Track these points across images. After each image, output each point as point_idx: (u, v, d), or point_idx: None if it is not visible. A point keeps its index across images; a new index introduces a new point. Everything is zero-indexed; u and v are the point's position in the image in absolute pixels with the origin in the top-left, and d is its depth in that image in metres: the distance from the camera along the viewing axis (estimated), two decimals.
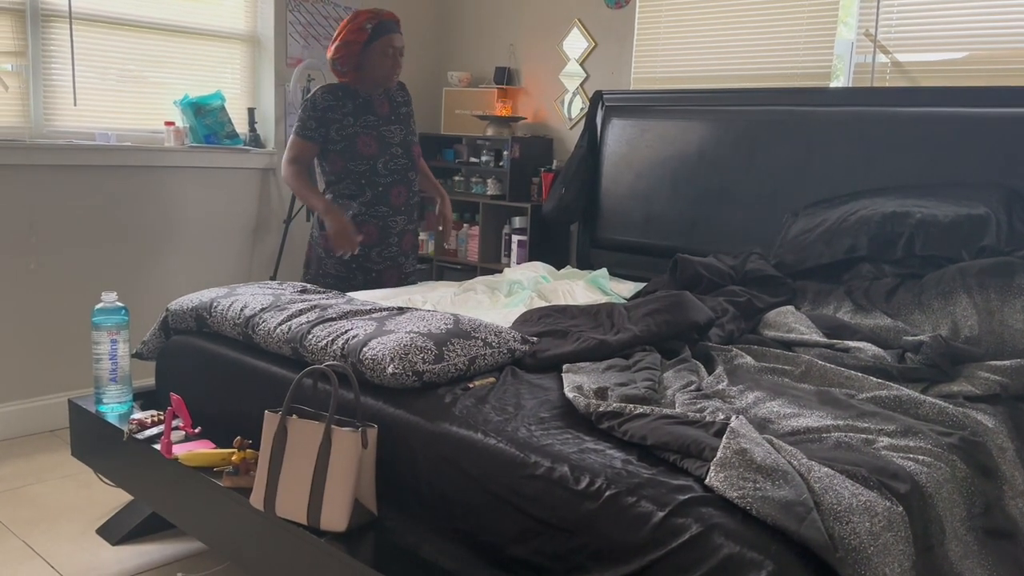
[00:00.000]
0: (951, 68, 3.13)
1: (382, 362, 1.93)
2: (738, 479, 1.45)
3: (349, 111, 3.11)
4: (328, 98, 3.10)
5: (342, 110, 3.10)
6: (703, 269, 2.91)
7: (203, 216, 3.94)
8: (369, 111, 3.14)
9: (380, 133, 3.14)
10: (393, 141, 3.17)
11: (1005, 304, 2.37)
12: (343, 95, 3.12)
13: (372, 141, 3.12)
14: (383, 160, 3.14)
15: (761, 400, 1.92)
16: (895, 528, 1.45)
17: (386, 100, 3.21)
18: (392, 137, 3.17)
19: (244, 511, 1.91)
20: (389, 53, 3.09)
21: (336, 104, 3.10)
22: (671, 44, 3.88)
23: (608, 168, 3.85)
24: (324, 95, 3.11)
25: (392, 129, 3.18)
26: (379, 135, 3.14)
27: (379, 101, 3.18)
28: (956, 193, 2.79)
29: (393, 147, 3.17)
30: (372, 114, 3.14)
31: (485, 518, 1.66)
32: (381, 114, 3.17)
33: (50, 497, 2.90)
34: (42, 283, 3.47)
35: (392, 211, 3.18)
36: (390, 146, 3.16)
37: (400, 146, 3.19)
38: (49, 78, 3.47)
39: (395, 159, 3.17)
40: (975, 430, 1.86)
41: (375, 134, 3.13)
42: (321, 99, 3.10)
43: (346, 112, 3.11)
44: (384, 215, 3.16)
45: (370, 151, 3.11)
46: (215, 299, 2.46)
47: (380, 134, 3.14)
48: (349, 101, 3.12)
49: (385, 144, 3.15)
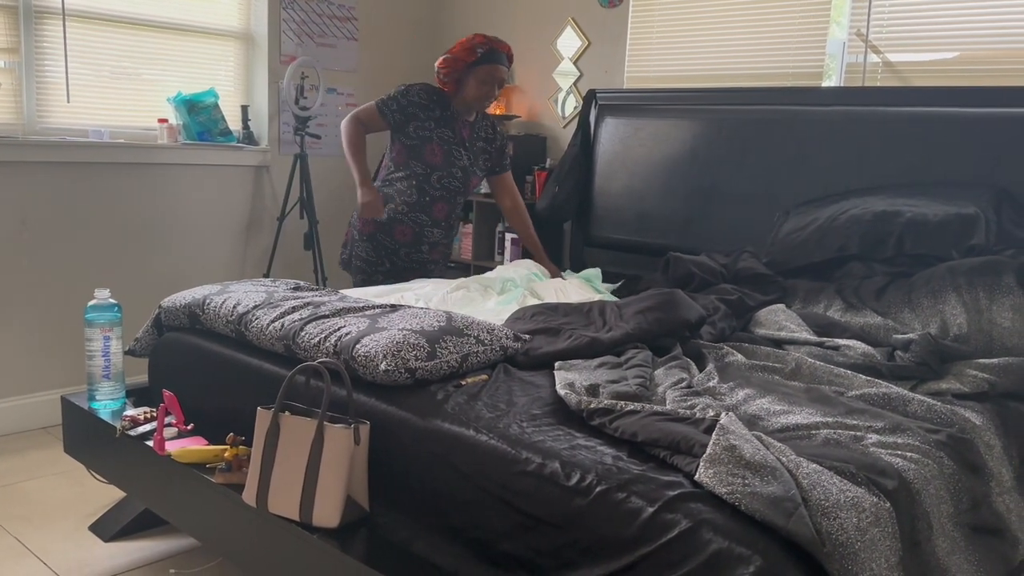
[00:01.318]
0: (942, 68, 3.14)
1: (375, 359, 1.93)
2: (727, 475, 1.46)
3: (435, 116, 3.20)
4: (423, 96, 3.19)
5: (429, 112, 3.19)
6: (695, 267, 2.92)
7: (196, 213, 3.94)
8: (450, 126, 3.23)
9: (450, 150, 3.23)
10: (458, 163, 3.26)
11: (993, 303, 2.39)
12: (437, 100, 3.22)
13: (440, 152, 3.21)
14: (440, 174, 3.22)
15: (751, 397, 1.93)
16: (882, 524, 1.47)
17: (469, 127, 3.30)
18: (458, 159, 3.26)
19: (236, 507, 1.91)
20: (488, 81, 3.18)
21: (427, 104, 3.19)
22: (664, 43, 3.89)
23: (601, 167, 3.86)
24: (421, 92, 3.20)
25: (461, 152, 3.26)
26: (448, 151, 3.23)
27: (463, 123, 3.28)
28: (946, 192, 2.80)
29: (455, 168, 3.25)
30: (451, 130, 3.24)
31: (476, 514, 1.67)
32: (459, 135, 3.26)
33: (43, 494, 2.90)
34: (35, 280, 3.47)
35: (431, 222, 3.28)
36: (453, 166, 3.24)
37: (462, 170, 3.27)
38: (42, 75, 3.47)
39: (452, 179, 3.25)
40: (963, 427, 1.88)
41: (445, 148, 3.22)
42: (417, 94, 3.19)
43: (432, 116, 3.20)
44: (422, 223, 3.26)
45: (434, 160, 3.21)
46: (208, 296, 2.47)
47: (450, 151, 3.23)
48: (439, 108, 3.22)
49: (449, 162, 3.23)
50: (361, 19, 4.44)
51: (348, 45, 4.41)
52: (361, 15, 4.44)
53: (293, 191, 4.04)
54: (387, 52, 4.55)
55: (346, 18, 4.38)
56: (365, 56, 4.48)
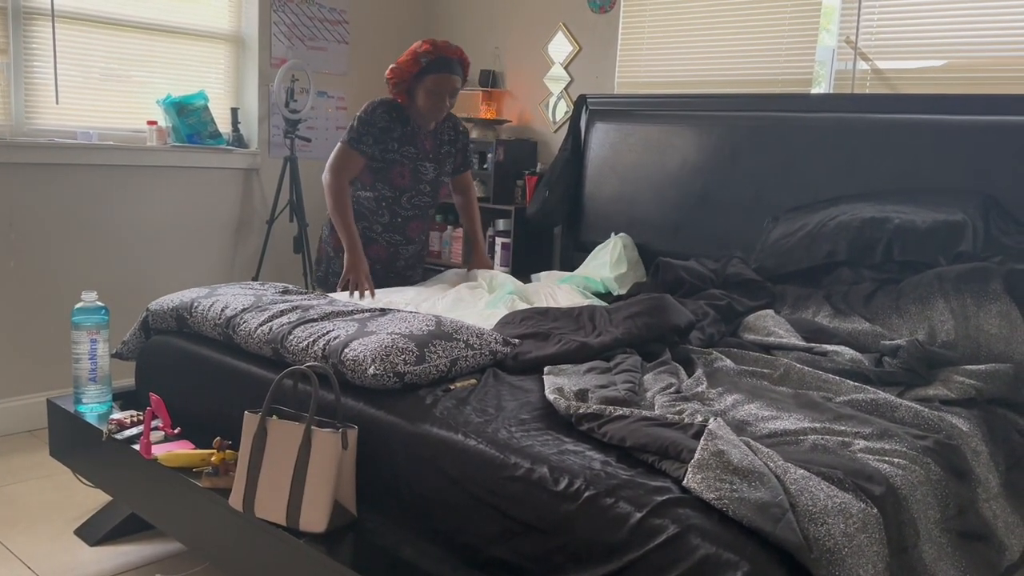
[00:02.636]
0: (931, 76, 3.16)
1: (363, 363, 1.93)
2: (715, 480, 1.46)
3: (396, 136, 3.05)
4: (384, 118, 3.02)
5: (391, 133, 3.04)
6: (684, 273, 2.93)
7: (185, 216, 3.92)
8: (412, 142, 3.08)
9: (416, 167, 3.09)
10: (425, 178, 3.12)
11: (981, 309, 2.40)
12: (397, 117, 3.05)
13: (407, 173, 3.07)
14: (409, 195, 3.11)
15: (739, 403, 1.94)
16: (869, 530, 1.47)
17: (431, 136, 3.13)
18: (425, 174, 3.12)
19: (223, 512, 1.90)
20: (436, 92, 2.97)
21: (390, 126, 3.03)
22: (655, 49, 3.90)
23: (592, 172, 3.86)
24: (383, 113, 3.02)
25: (427, 166, 3.12)
26: (414, 169, 3.09)
27: (424, 135, 3.11)
28: (934, 199, 2.82)
29: (423, 184, 3.12)
30: (414, 146, 3.08)
31: (465, 519, 1.66)
32: (422, 149, 3.10)
33: (28, 497, 2.87)
34: (21, 282, 3.45)
35: (405, 241, 3.19)
36: (420, 183, 3.12)
37: (430, 184, 3.14)
38: (31, 76, 3.45)
39: (421, 196, 3.14)
40: (950, 433, 1.89)
41: (411, 167, 3.08)
42: (380, 117, 3.02)
43: (393, 136, 3.04)
44: (396, 242, 3.17)
45: (402, 182, 3.08)
46: (196, 299, 2.46)
47: (416, 168, 3.09)
48: (399, 126, 3.05)
49: (417, 179, 3.10)
50: (352, 22, 4.43)
51: (339, 48, 4.40)
52: (352, 18, 4.43)
53: (283, 194, 4.03)
54: (378, 56, 4.55)
55: (337, 21, 4.37)
56: (356, 59, 4.48)
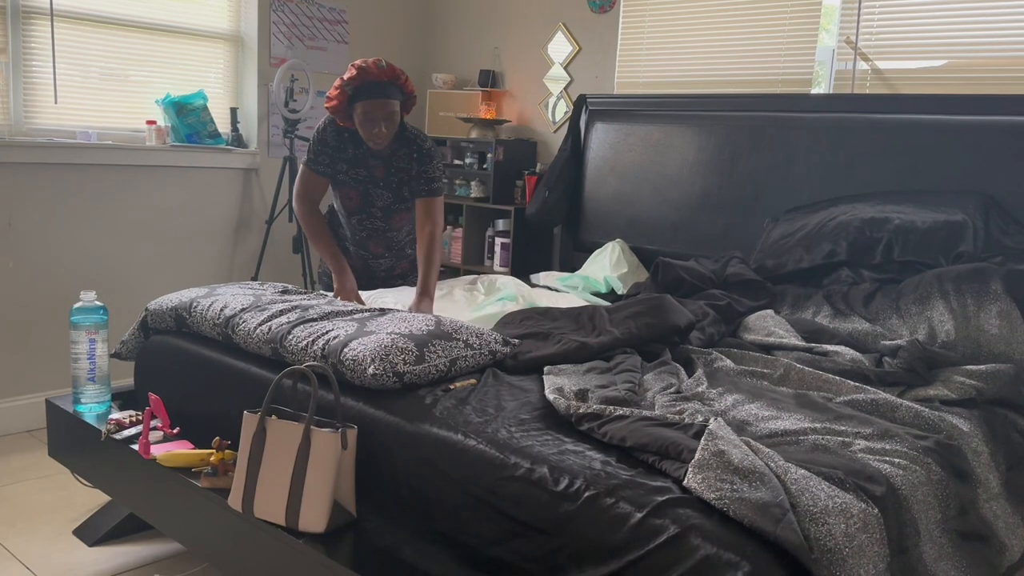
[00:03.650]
0: (930, 76, 3.16)
1: (363, 363, 1.92)
2: (716, 480, 1.46)
3: (346, 156, 2.88)
4: (333, 136, 2.87)
5: (341, 153, 2.88)
6: (684, 273, 2.93)
7: (184, 216, 3.92)
8: (363, 164, 2.89)
9: (366, 190, 2.92)
10: (376, 203, 2.94)
11: (981, 309, 2.40)
12: (349, 137, 2.87)
13: (355, 196, 2.92)
14: (359, 217, 2.96)
15: (740, 403, 1.93)
16: (870, 530, 1.47)
17: (383, 162, 2.90)
18: (376, 200, 2.93)
19: (222, 512, 1.90)
20: (369, 119, 2.73)
21: (340, 145, 2.87)
22: (655, 49, 3.90)
23: (591, 172, 3.86)
24: (332, 133, 2.87)
25: (379, 192, 2.92)
26: (364, 192, 2.92)
27: (376, 161, 2.89)
28: (934, 199, 2.82)
29: (373, 208, 2.94)
30: (365, 168, 2.89)
31: (464, 519, 1.66)
32: (373, 174, 2.90)
33: (27, 498, 2.87)
34: (20, 281, 3.44)
35: (372, 256, 3.07)
36: (371, 207, 2.94)
37: (382, 210, 2.95)
38: (30, 76, 3.44)
39: (372, 219, 2.97)
40: (950, 434, 1.88)
41: (360, 190, 2.92)
42: (330, 135, 2.87)
43: (343, 157, 2.88)
44: (365, 256, 3.07)
45: (350, 204, 2.94)
46: (195, 299, 2.45)
47: (366, 191, 2.92)
48: (350, 147, 2.88)
49: (366, 203, 2.94)
50: (352, 22, 4.43)
51: (338, 48, 4.40)
52: (352, 18, 4.43)
53: (282, 194, 4.03)
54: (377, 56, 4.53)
55: (336, 21, 4.37)
56: (355, 59, 4.46)
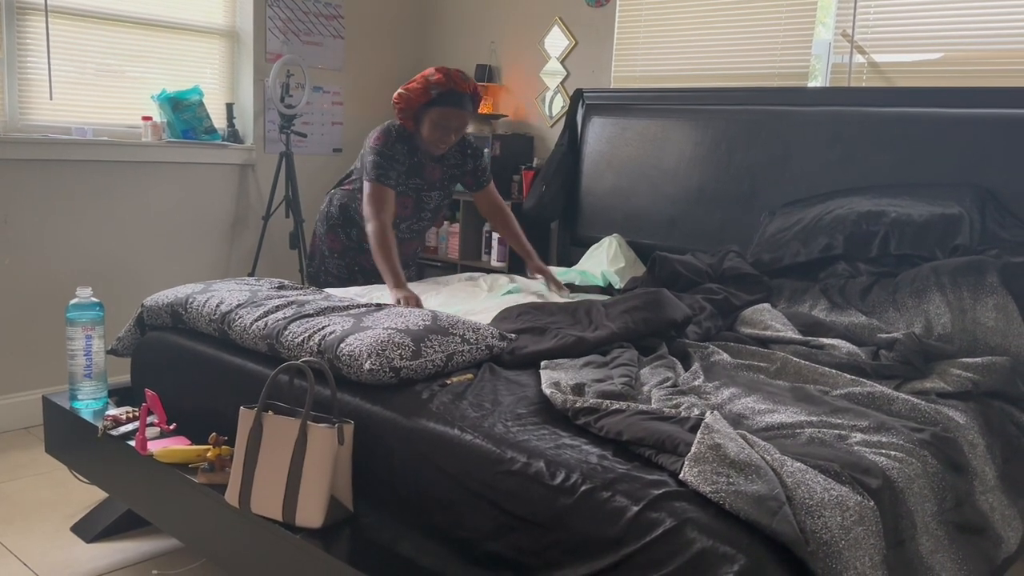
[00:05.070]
0: (927, 69, 3.16)
1: (359, 358, 1.92)
2: (712, 474, 1.46)
3: (404, 168, 2.96)
4: (401, 149, 2.93)
5: (401, 166, 2.94)
6: (681, 267, 2.92)
7: (180, 212, 3.91)
8: (419, 174, 3.00)
9: (420, 198, 3.05)
10: (427, 207, 3.09)
11: (977, 302, 2.40)
12: (408, 147, 2.95)
13: (410, 204, 3.03)
14: (409, 223, 3.09)
15: (736, 396, 1.94)
16: (866, 522, 1.47)
17: (438, 165, 3.05)
18: (428, 203, 3.08)
19: (219, 508, 1.90)
20: (441, 125, 2.86)
21: (401, 159, 2.94)
22: (651, 43, 3.90)
23: (588, 166, 3.86)
24: (399, 144, 2.93)
25: (432, 195, 3.07)
26: (418, 199, 3.04)
27: (431, 166, 3.02)
28: (930, 193, 2.82)
29: (425, 212, 3.10)
30: (420, 177, 3.01)
31: (461, 514, 1.66)
32: (428, 179, 3.03)
33: (24, 494, 2.87)
34: (16, 278, 3.44)
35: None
36: (423, 211, 3.09)
37: (431, 211, 3.12)
38: (25, 72, 3.43)
39: (421, 222, 3.13)
40: (947, 426, 1.89)
41: (414, 198, 3.03)
42: (397, 150, 2.92)
43: (402, 169, 2.95)
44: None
45: (404, 212, 3.03)
46: (191, 295, 2.45)
47: (419, 199, 3.04)
48: (408, 157, 2.96)
49: (419, 208, 3.07)
50: (347, 17, 4.42)
51: (334, 43, 4.39)
52: (347, 13, 4.42)
53: (278, 190, 4.02)
54: (373, 51, 4.54)
55: (332, 16, 4.36)
56: (351, 54, 4.46)
